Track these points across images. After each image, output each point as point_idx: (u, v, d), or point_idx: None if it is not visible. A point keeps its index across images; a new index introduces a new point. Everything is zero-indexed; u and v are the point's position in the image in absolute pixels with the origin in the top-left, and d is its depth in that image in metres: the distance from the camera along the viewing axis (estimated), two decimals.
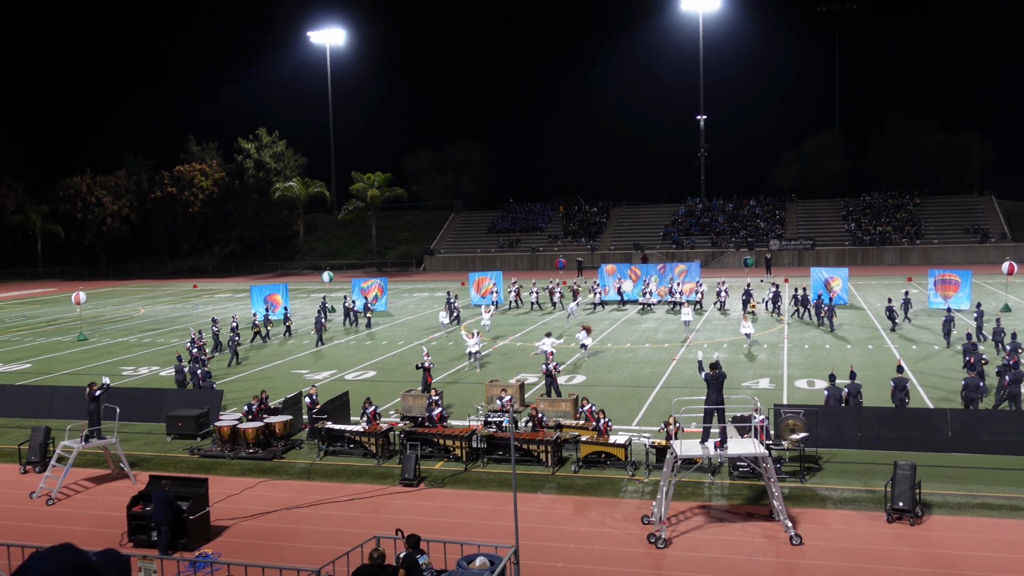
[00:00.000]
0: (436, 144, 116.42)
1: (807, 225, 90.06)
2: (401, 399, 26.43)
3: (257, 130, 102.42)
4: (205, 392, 27.41)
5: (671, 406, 24.22)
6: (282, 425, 23.25)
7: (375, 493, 19.49)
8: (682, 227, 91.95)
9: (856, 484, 18.89)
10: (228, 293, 72.65)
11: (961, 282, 45.79)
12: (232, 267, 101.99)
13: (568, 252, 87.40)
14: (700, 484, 19.21)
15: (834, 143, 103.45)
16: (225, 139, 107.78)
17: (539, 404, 24.71)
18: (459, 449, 21.29)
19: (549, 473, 20.30)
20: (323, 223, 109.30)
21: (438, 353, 36.87)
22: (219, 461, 22.30)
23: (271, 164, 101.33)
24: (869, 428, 21.42)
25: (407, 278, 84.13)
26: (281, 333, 44.54)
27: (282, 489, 20.06)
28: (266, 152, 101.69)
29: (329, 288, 63.19)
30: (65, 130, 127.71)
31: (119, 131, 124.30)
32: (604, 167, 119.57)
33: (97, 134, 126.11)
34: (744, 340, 37.20)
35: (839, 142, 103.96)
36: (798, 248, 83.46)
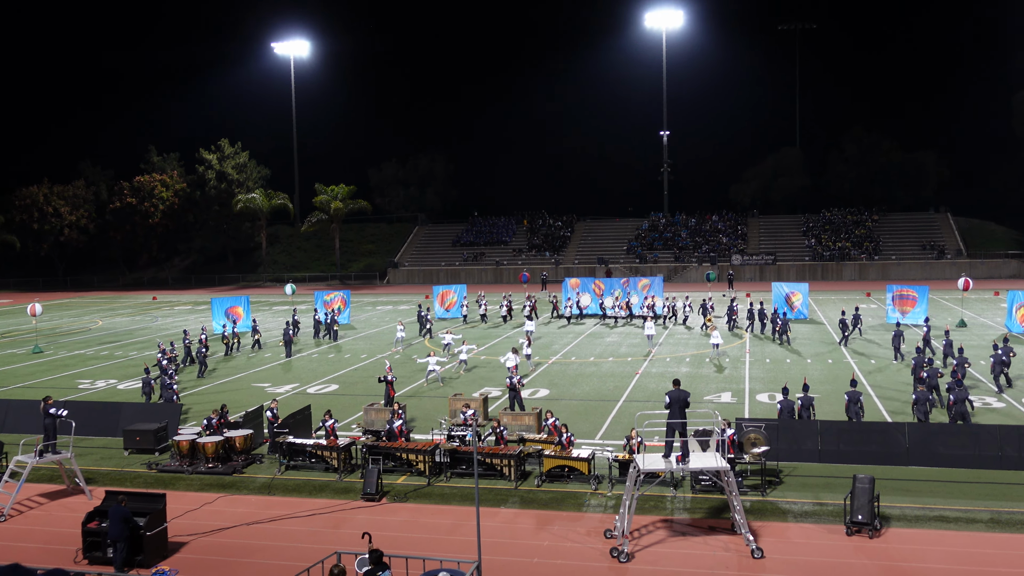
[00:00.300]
0: (400, 157, 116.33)
1: (768, 240, 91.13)
2: (363, 413, 26.26)
3: (219, 141, 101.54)
4: (164, 406, 27.02)
5: (634, 420, 24.30)
6: (242, 439, 22.98)
7: (336, 508, 19.31)
8: (646, 242, 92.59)
9: (816, 497, 19.08)
10: (188, 305, 71.75)
11: (918, 298, 46.58)
12: (193, 279, 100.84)
13: (532, 266, 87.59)
14: (663, 498, 19.28)
15: (794, 160, 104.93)
16: (187, 150, 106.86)
17: (503, 418, 24.67)
18: (422, 463, 21.18)
19: (512, 487, 20.25)
20: (286, 235, 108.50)
21: (401, 367, 36.70)
22: (178, 476, 21.97)
23: (233, 175, 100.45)
24: (829, 442, 21.66)
25: (371, 291, 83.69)
26: (249, 345, 44.04)
27: (242, 504, 19.79)
28: (228, 163, 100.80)
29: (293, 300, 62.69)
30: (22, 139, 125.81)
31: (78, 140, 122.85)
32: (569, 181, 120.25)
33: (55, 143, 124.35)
34: (712, 350, 37.72)
35: (799, 159, 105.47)
36: (760, 263, 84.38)
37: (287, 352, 41.07)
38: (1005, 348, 30.50)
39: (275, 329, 50.88)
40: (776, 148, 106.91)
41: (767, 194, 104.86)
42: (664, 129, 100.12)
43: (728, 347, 40.42)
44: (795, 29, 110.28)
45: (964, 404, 23.68)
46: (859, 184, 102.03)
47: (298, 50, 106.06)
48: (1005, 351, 30.24)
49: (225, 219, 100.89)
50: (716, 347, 37.45)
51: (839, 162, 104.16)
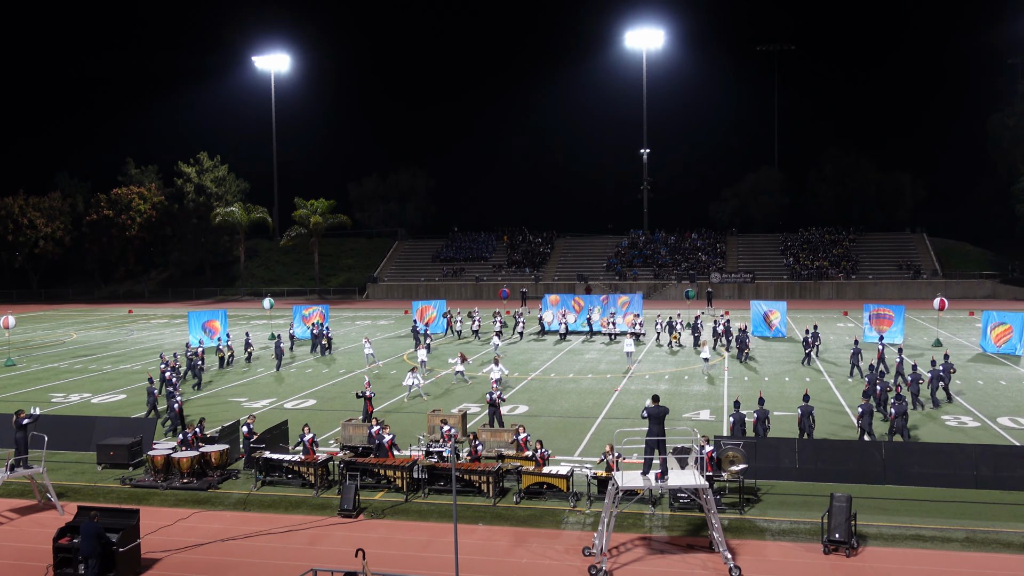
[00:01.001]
0: (381, 172, 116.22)
1: (747, 259, 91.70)
2: (341, 428, 26.09)
3: (198, 154, 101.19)
4: (138, 420, 26.75)
5: (613, 437, 24.31)
6: (218, 454, 22.78)
7: (313, 524, 19.16)
8: (625, 259, 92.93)
9: (794, 515, 19.14)
10: (165, 319, 71.19)
11: (895, 317, 47.00)
12: (170, 292, 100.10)
13: (512, 282, 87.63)
14: (641, 515, 19.28)
15: (773, 179, 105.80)
16: (165, 162, 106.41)
17: (481, 434, 24.60)
18: (400, 480, 21.07)
19: (490, 504, 20.19)
20: (264, 249, 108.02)
21: (379, 382, 36.55)
22: (152, 492, 21.72)
23: (212, 189, 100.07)
24: (806, 460, 21.76)
25: (349, 306, 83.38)
26: (243, 359, 43.77)
27: (217, 520, 19.60)
28: (207, 176, 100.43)
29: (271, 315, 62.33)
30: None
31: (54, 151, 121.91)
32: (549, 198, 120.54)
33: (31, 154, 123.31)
34: (703, 364, 38.34)
35: (778, 179, 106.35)
36: (738, 281, 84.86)
37: (277, 365, 41.17)
38: (946, 365, 31.40)
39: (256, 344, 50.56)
40: (755, 167, 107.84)
41: (746, 213, 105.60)
42: (644, 147, 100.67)
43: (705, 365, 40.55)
44: (774, 50, 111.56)
45: (903, 419, 24.48)
46: (837, 204, 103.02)
47: (278, 64, 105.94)
48: (945, 368, 31.20)
49: (203, 232, 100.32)
50: (706, 361, 38.30)
51: (817, 182, 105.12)
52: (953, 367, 31.78)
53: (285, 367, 41.77)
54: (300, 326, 52.13)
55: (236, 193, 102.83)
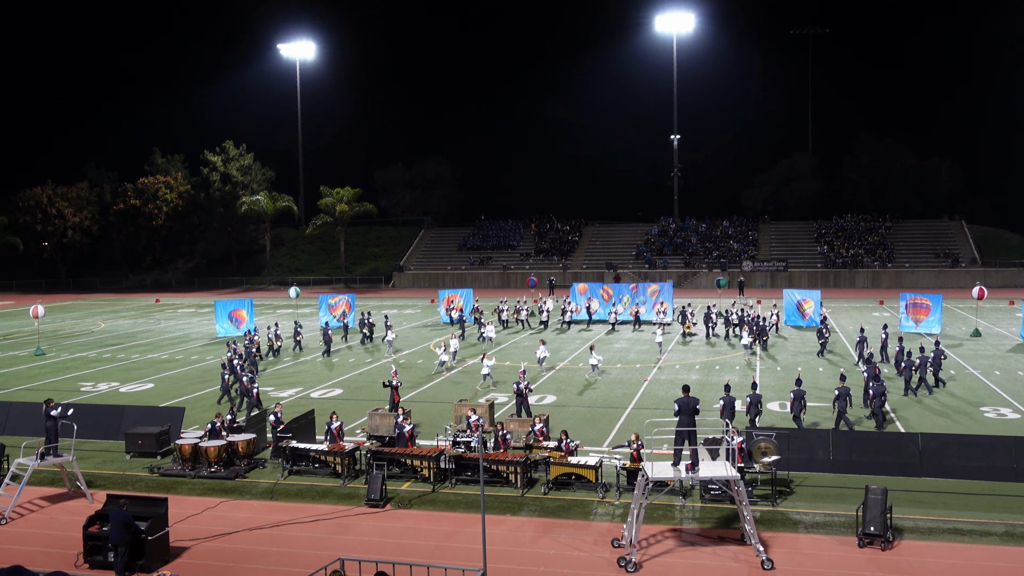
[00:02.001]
0: (407, 160, 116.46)
1: (780, 247, 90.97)
2: (368, 418, 26.26)
3: (224, 143, 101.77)
4: (166, 409, 27.07)
5: (643, 428, 24.26)
6: (245, 444, 23.01)
7: (340, 514, 19.31)
8: (655, 247, 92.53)
9: (828, 508, 19.01)
10: (192, 308, 71.93)
11: (932, 306, 46.42)
12: (196, 281, 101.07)
13: (540, 270, 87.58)
14: (671, 507, 19.24)
15: (807, 165, 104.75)
16: (191, 152, 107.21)
17: (508, 424, 24.65)
18: (427, 469, 21.17)
19: (518, 495, 20.23)
20: (290, 238, 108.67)
21: (406, 372, 36.72)
22: (179, 480, 22.01)
23: (238, 177, 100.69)
24: (841, 451, 21.59)
25: (376, 295, 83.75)
26: (291, 348, 44.31)
27: (244, 509, 19.81)
28: (233, 165, 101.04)
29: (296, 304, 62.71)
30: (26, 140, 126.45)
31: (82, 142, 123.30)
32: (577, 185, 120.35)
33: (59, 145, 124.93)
34: (744, 352, 39.04)
35: (812, 164, 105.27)
36: (771, 270, 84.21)
37: (327, 350, 42.11)
38: (936, 351, 31.95)
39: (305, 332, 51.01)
40: (788, 153, 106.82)
41: (779, 199, 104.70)
42: (675, 133, 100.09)
43: (737, 355, 40.33)
44: (807, 33, 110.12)
45: (881, 399, 25.39)
46: (872, 190, 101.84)
47: (304, 52, 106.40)
48: (936, 354, 31.77)
49: (229, 221, 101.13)
50: (746, 347, 38.94)
51: (852, 168, 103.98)
52: (944, 353, 32.48)
53: (313, 356, 42.03)
54: (326, 315, 52.42)
55: (262, 182, 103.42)
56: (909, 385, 30.58)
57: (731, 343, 43.81)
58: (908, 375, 30.61)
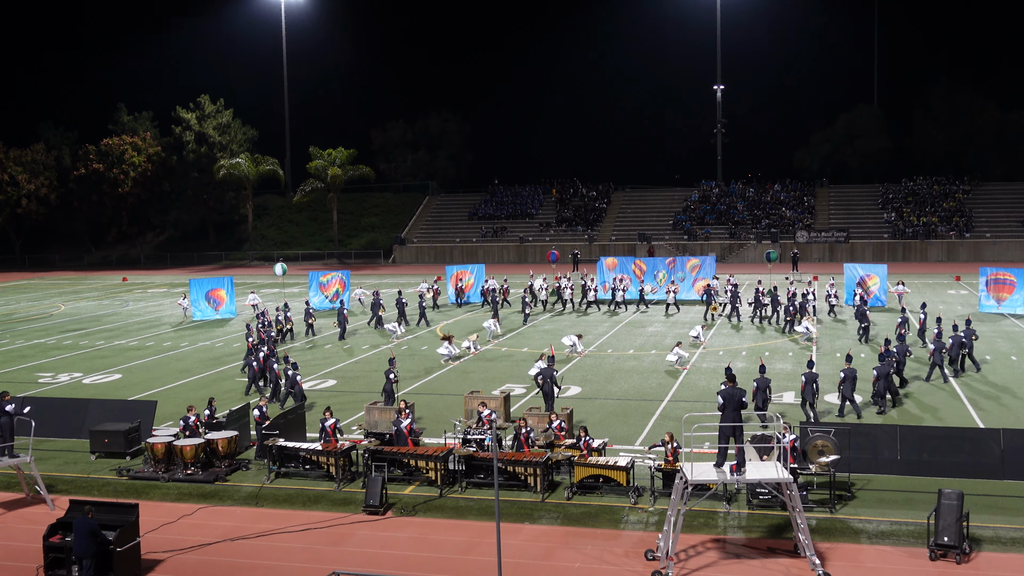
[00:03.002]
0: (409, 116, 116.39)
1: (840, 214, 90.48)
2: (365, 412, 26.39)
3: (199, 98, 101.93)
4: (136, 403, 27.28)
5: (681, 424, 24.27)
6: (226, 442, 23.17)
7: (334, 522, 19.45)
8: (695, 215, 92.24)
9: (894, 515, 19.00)
10: (163, 288, 72.35)
11: (1017, 282, 46.08)
12: (168, 257, 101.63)
13: (562, 243, 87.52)
14: (714, 514, 19.28)
15: (872, 120, 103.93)
16: (162, 108, 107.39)
17: (528, 419, 24.72)
18: (433, 471, 21.28)
19: (538, 500, 20.32)
20: (275, 206, 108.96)
21: (407, 360, 36.83)
22: (152, 484, 22.20)
23: (215, 137, 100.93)
24: (910, 450, 21.55)
25: (373, 271, 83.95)
26: (303, 331, 44.69)
27: (225, 517, 19.99)
28: (209, 123, 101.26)
29: (283, 282, 62.88)
30: None
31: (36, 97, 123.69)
32: (605, 145, 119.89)
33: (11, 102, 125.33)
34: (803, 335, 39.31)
35: (878, 119, 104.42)
36: (829, 241, 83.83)
37: (341, 334, 43.05)
38: (967, 331, 33.03)
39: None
40: (850, 106, 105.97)
41: (839, 160, 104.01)
42: (718, 83, 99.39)
43: (787, 340, 40.24)
44: None
45: (885, 381, 26.88)
46: (948, 149, 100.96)
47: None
48: (968, 334, 32.81)
49: (205, 188, 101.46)
50: (807, 331, 39.22)
51: (925, 123, 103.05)
52: (976, 333, 33.54)
53: (300, 342, 42.26)
54: (317, 295, 52.62)
55: (242, 142, 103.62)
56: (939, 368, 31.31)
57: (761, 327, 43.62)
58: (939, 358, 31.26)
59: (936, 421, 25.94)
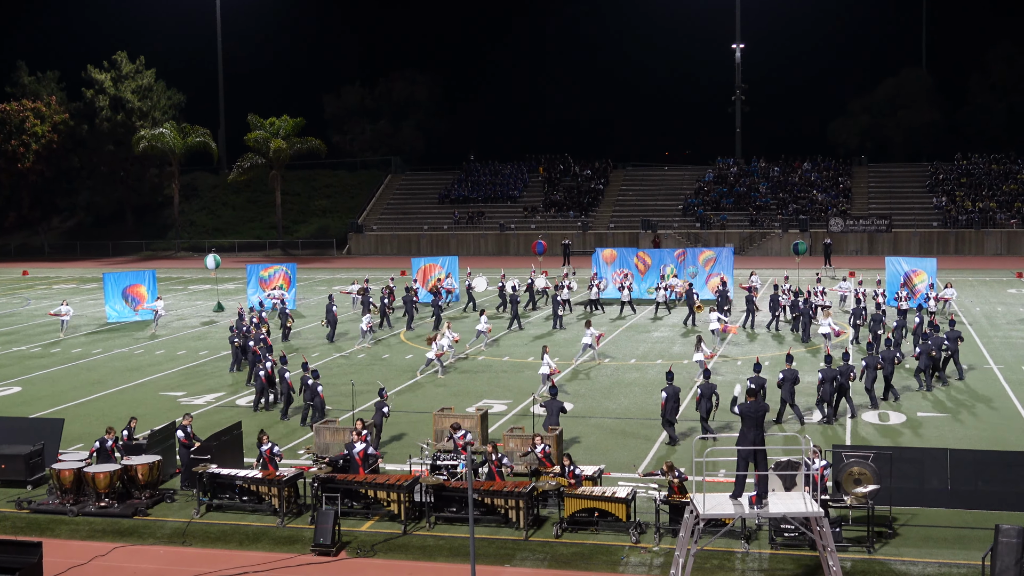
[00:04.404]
0: (368, 78, 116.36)
1: (881, 198, 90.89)
2: (315, 434, 26.36)
3: (115, 55, 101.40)
4: (38, 422, 27.16)
5: (691, 447, 24.34)
6: (147, 468, 23.09)
7: (277, 564, 19.44)
8: (709, 199, 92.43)
9: (944, 555, 19.12)
10: (72, 283, 71.97)
11: None
12: (78, 246, 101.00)
13: (551, 231, 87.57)
14: (731, 554, 19.36)
15: (920, 87, 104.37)
16: (70, 68, 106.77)
17: (508, 442, 24.75)
18: (396, 504, 21.27)
19: (521, 538, 20.36)
20: (207, 186, 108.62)
21: (364, 371, 36.76)
22: (58, 518, 22.10)
23: (134, 103, 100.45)
24: (962, 479, 21.64)
25: (324, 264, 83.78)
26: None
27: (146, 558, 19.94)
28: (127, 86, 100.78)
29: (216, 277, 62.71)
30: None
31: None
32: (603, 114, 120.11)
33: None
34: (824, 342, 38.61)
35: (926, 86, 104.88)
36: (868, 230, 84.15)
37: (331, 334, 44.01)
38: (951, 334, 34.02)
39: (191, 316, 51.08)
40: (894, 70, 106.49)
41: (880, 133, 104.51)
42: (737, 42, 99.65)
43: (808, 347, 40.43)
44: None
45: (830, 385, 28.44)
46: (1011, 121, 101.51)
47: None
48: (952, 337, 33.78)
49: (123, 163, 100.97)
50: (827, 337, 38.57)
51: (982, 90, 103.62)
52: (961, 336, 34.65)
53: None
54: (257, 292, 52.42)
55: (167, 109, 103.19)
56: (926, 374, 32.75)
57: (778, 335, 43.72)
58: (926, 362, 32.60)
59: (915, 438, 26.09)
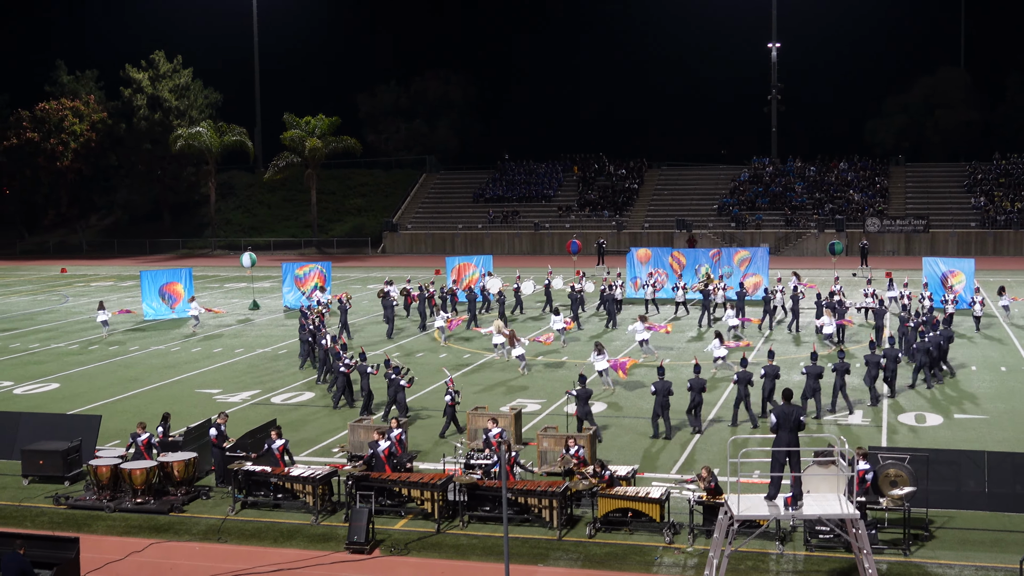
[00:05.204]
0: (403, 78, 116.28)
1: (918, 198, 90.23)
2: (349, 431, 26.41)
3: (153, 55, 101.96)
4: (76, 418, 27.36)
5: (727, 448, 24.22)
6: (183, 465, 23.20)
7: (312, 561, 19.49)
8: (744, 198, 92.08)
9: (982, 558, 18.97)
10: (110, 281, 72.47)
11: None
12: (116, 244, 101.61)
13: (586, 230, 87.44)
14: (765, 556, 19.27)
15: (958, 85, 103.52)
16: (108, 67, 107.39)
17: (542, 441, 24.73)
18: (429, 503, 21.28)
19: (554, 537, 20.34)
20: (243, 185, 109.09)
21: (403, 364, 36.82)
22: (95, 514, 22.24)
23: (171, 102, 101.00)
24: (1000, 481, 21.47)
25: (359, 263, 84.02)
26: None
27: (181, 554, 20.04)
28: (165, 85, 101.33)
29: (252, 275, 62.98)
30: None
31: None
32: (638, 114, 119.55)
33: None
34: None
35: (965, 84, 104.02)
36: (906, 230, 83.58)
37: (389, 331, 44.71)
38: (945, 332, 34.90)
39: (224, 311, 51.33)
40: (932, 68, 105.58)
41: (918, 133, 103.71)
42: (773, 41, 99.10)
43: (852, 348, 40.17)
44: None
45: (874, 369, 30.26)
46: None
47: None
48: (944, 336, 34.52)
49: (160, 162, 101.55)
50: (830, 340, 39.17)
51: (1021, 89, 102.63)
52: (952, 335, 35.61)
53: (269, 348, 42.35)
54: (292, 290, 52.65)
55: (204, 108, 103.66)
56: (921, 374, 33.16)
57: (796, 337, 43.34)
58: (922, 359, 32.93)
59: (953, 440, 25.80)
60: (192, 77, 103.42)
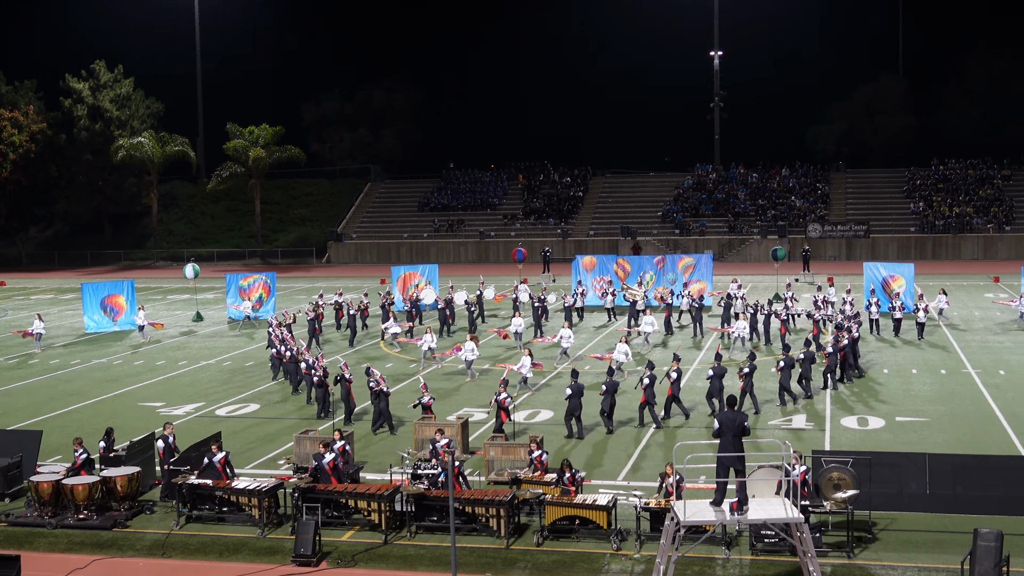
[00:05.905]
0: (347, 87, 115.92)
1: (859, 204, 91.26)
2: (295, 443, 26.27)
3: (93, 64, 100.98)
4: (16, 433, 27.02)
5: (672, 454, 24.38)
6: (126, 480, 22.98)
7: (258, 575, 19.37)
8: (688, 205, 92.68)
9: (923, 560, 19.21)
10: (50, 293, 71.69)
11: None
12: (56, 256, 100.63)
13: (531, 239, 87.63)
14: (712, 561, 19.39)
15: (896, 93, 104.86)
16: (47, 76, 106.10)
17: (489, 450, 24.74)
18: (376, 513, 21.23)
19: (502, 546, 20.35)
20: (185, 196, 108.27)
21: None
22: (36, 531, 21.97)
23: (112, 112, 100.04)
24: (941, 483, 21.75)
25: (304, 273, 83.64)
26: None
27: (125, 570, 19.86)
28: (105, 95, 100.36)
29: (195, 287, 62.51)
30: None
31: None
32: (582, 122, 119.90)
33: None
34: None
35: (902, 91, 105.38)
36: (847, 235, 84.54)
37: (351, 340, 45.00)
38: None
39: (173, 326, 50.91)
40: (871, 76, 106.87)
41: (858, 139, 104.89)
42: (715, 49, 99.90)
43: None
44: None
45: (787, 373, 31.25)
46: (986, 126, 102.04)
47: None
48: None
49: (101, 173, 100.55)
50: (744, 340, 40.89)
51: (959, 95, 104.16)
52: (859, 336, 36.82)
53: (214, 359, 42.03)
54: (237, 300, 52.30)
55: (146, 118, 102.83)
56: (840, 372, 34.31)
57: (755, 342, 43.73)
58: (834, 361, 33.75)
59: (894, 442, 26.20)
60: (134, 87, 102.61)
